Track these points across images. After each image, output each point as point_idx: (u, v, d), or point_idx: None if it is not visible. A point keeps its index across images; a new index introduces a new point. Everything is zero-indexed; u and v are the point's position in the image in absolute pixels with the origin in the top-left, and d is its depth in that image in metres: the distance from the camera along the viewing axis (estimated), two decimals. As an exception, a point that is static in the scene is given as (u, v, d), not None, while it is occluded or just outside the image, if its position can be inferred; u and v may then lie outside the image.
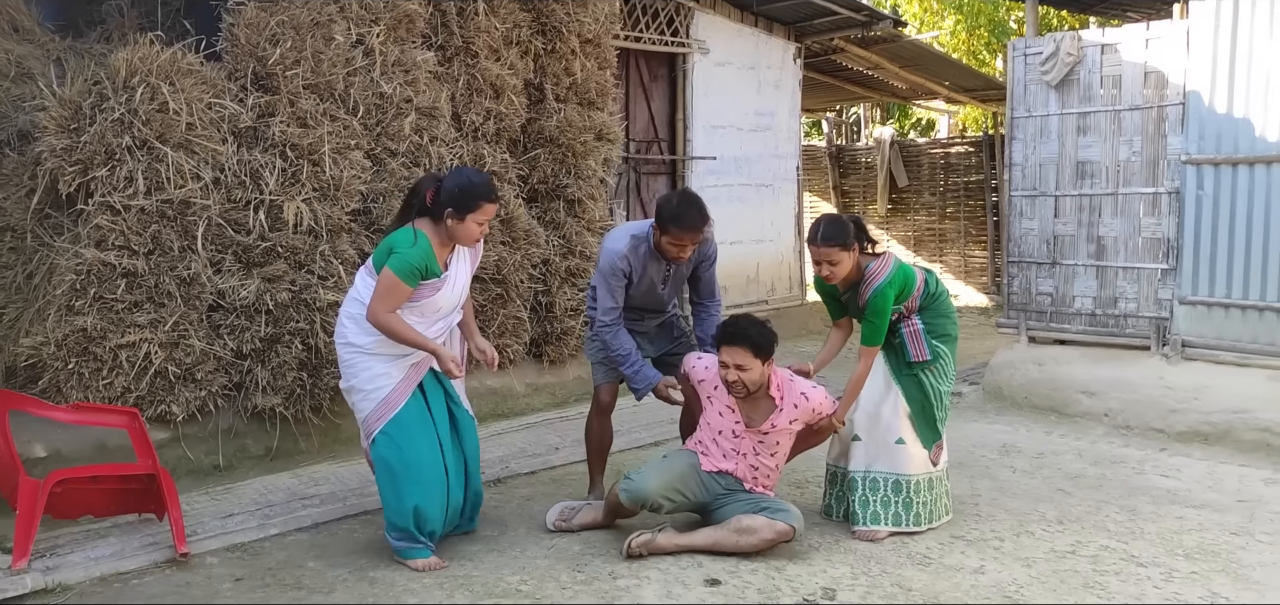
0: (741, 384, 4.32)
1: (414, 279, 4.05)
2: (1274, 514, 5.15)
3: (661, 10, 9.83)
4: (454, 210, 4.09)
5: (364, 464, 5.86)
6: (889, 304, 4.58)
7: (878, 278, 4.58)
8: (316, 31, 5.77)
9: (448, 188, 4.12)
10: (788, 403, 4.48)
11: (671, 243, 4.58)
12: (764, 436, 4.50)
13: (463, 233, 4.14)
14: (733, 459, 4.53)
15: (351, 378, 4.24)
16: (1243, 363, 6.55)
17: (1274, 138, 6.36)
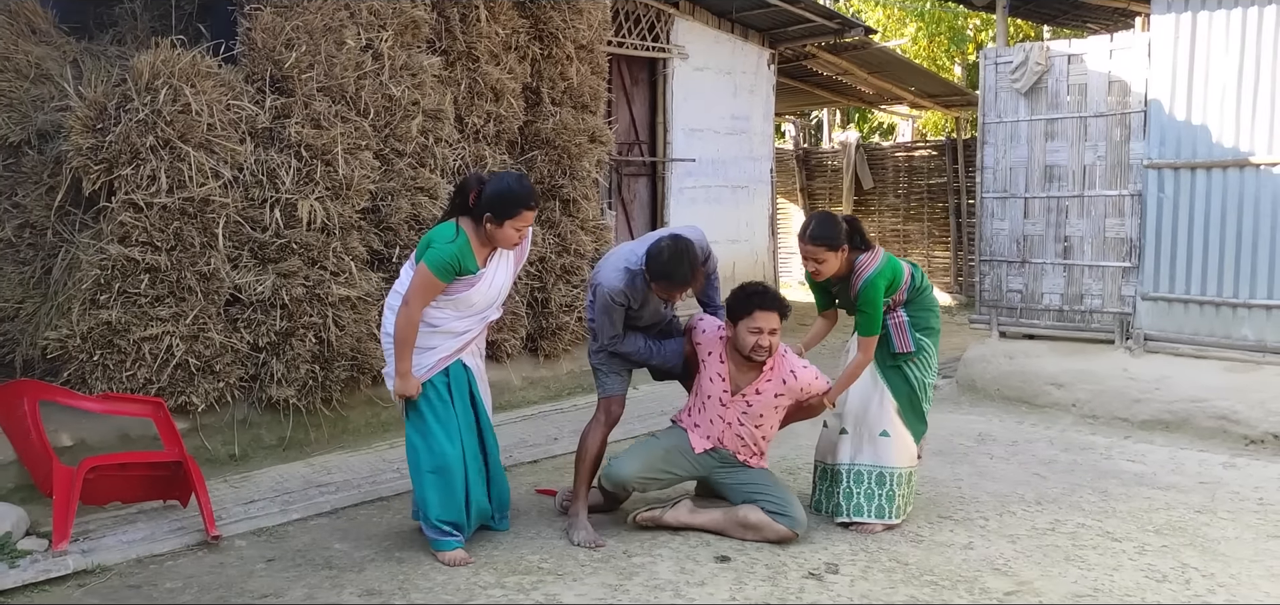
0: (770, 348, 4.51)
1: (447, 274, 4.20)
2: (1234, 494, 5.52)
3: (643, 16, 10.12)
4: (493, 215, 4.21)
5: (371, 453, 6.12)
6: (880, 295, 4.68)
7: (867, 269, 4.68)
8: (329, 36, 5.97)
9: (489, 192, 4.22)
10: (775, 375, 4.65)
11: (661, 291, 4.61)
12: (748, 405, 4.65)
13: (501, 237, 4.27)
14: (718, 427, 4.69)
15: (391, 364, 4.40)
16: (1200, 355, 6.97)
17: (1230, 144, 6.79)
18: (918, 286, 4.92)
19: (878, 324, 4.73)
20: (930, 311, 4.94)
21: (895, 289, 4.81)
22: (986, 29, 19.35)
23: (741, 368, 4.65)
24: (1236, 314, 6.84)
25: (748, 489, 4.71)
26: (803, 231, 4.67)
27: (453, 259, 4.20)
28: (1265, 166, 6.67)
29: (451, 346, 4.40)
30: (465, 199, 4.32)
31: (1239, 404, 6.61)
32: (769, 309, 4.50)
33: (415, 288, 4.21)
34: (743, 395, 4.66)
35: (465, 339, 4.43)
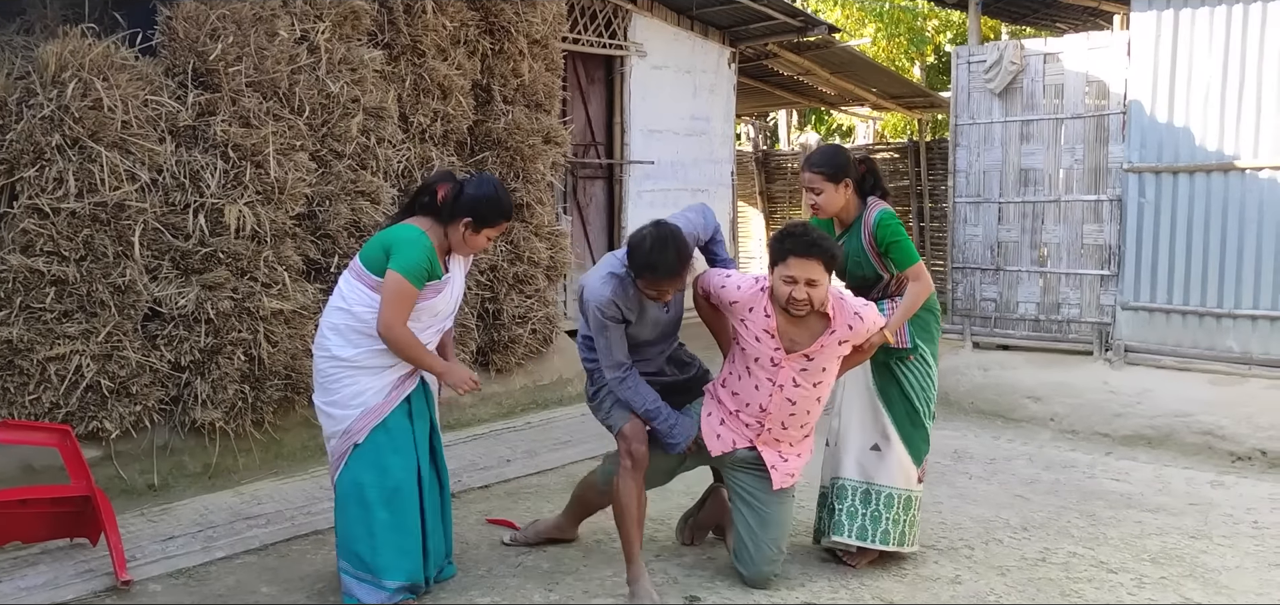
0: (809, 302, 3.80)
1: (423, 281, 3.70)
2: (1226, 517, 5.25)
3: (599, 12, 9.70)
4: (473, 221, 3.77)
5: (308, 479, 5.64)
6: (897, 225, 4.14)
7: (876, 209, 4.20)
8: (259, 27, 5.49)
9: (470, 195, 3.78)
10: (840, 322, 3.92)
11: (648, 288, 3.92)
12: (809, 362, 3.93)
13: (472, 244, 3.84)
14: (766, 391, 3.96)
15: (330, 393, 3.83)
16: (1183, 367, 6.71)
17: (1213, 147, 6.53)
18: None
19: (912, 250, 4.19)
20: (931, 313, 4.36)
21: (907, 256, 4.23)
22: (945, 30, 19.24)
23: (794, 321, 3.89)
24: (1221, 324, 6.58)
25: (742, 520, 4.17)
26: (806, 158, 4.24)
27: (426, 261, 3.69)
28: (1251, 170, 6.42)
29: (406, 365, 3.88)
30: (432, 198, 3.82)
31: (1225, 418, 6.34)
32: (805, 255, 3.76)
33: (392, 303, 3.66)
34: (803, 353, 3.92)
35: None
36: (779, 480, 4.10)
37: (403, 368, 3.85)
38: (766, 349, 3.93)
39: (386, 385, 3.81)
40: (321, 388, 3.88)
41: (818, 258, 3.77)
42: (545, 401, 7.48)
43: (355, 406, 3.78)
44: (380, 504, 3.79)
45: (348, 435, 3.80)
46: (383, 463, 3.79)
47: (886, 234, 4.15)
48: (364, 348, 3.76)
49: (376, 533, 3.78)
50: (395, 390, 3.84)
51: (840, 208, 4.21)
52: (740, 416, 4.06)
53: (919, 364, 4.32)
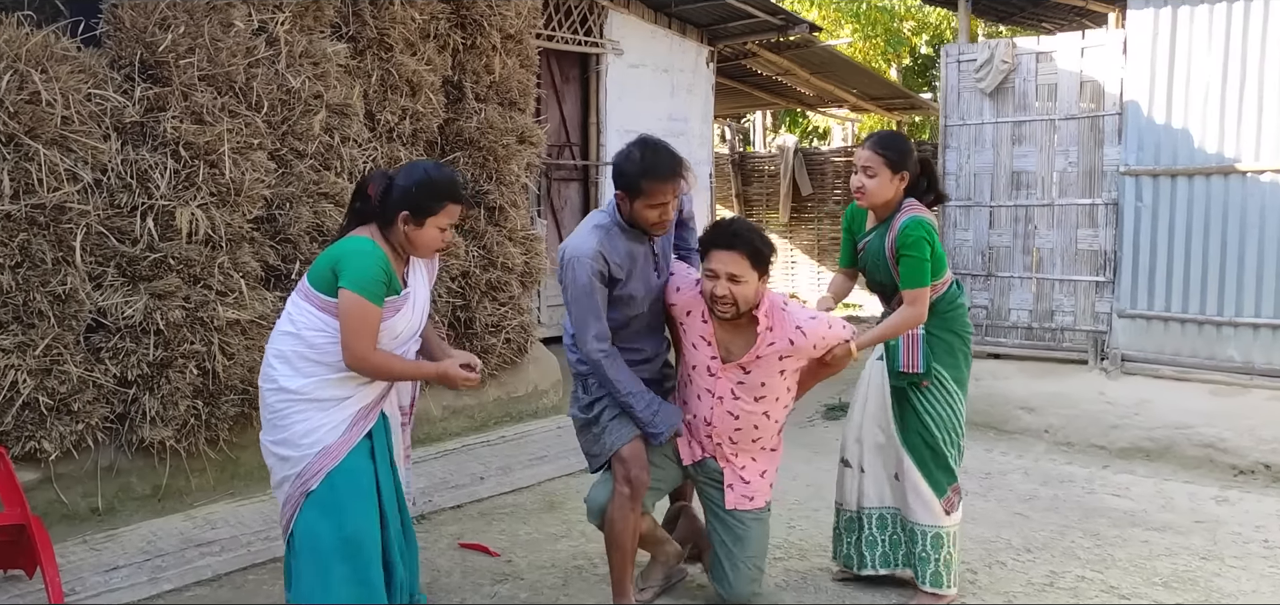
0: (731, 299, 3.48)
1: (381, 295, 3.21)
2: (1236, 535, 5.03)
3: (575, 8, 9.39)
4: (411, 214, 3.28)
5: (266, 501, 5.28)
6: (923, 236, 3.74)
7: (910, 212, 3.83)
8: (213, 16, 5.12)
9: (401, 186, 3.29)
10: (779, 335, 3.61)
11: (649, 205, 3.51)
12: (745, 375, 3.63)
13: (421, 241, 3.33)
14: (706, 405, 3.68)
15: (279, 430, 3.30)
16: (1182, 377, 6.47)
17: (1213, 149, 6.30)
18: (952, 299, 3.96)
19: (924, 273, 3.75)
20: (958, 336, 3.95)
21: (938, 270, 3.86)
22: (922, 32, 19.09)
23: (729, 328, 3.61)
24: (1221, 333, 6.35)
25: (717, 538, 3.87)
26: (870, 136, 3.92)
27: (381, 272, 3.21)
28: (1252, 174, 6.19)
29: (369, 394, 3.37)
30: (365, 201, 3.36)
31: (1226, 431, 6.11)
32: (727, 248, 3.46)
33: (355, 330, 3.17)
34: (738, 364, 3.64)
35: (384, 384, 3.43)
36: (732, 500, 3.79)
37: (363, 399, 3.36)
38: (703, 356, 3.67)
39: (344, 421, 3.32)
40: (270, 425, 3.35)
41: (741, 251, 3.46)
42: (520, 414, 7.15)
43: (309, 446, 3.27)
44: (338, 557, 3.28)
45: (301, 480, 3.29)
46: (341, 509, 3.29)
47: (905, 242, 3.77)
48: (315, 377, 3.28)
49: (334, 588, 3.28)
50: (354, 427, 3.34)
51: (886, 200, 3.87)
52: (692, 427, 3.80)
53: (937, 392, 3.92)
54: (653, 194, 3.49)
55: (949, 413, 3.94)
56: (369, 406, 3.39)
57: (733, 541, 3.81)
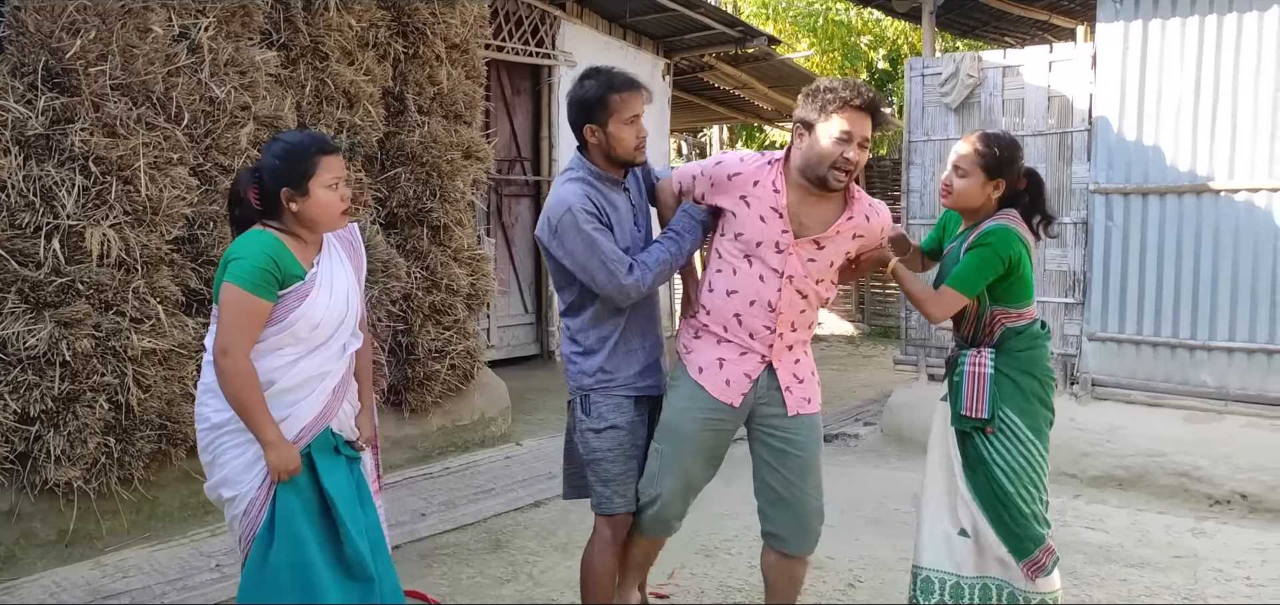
0: (856, 169, 3.17)
1: (268, 287, 2.86)
2: (1216, 571, 4.81)
3: (526, 18, 9.06)
4: (290, 186, 2.94)
5: (185, 544, 4.89)
6: (1001, 244, 3.35)
7: (996, 221, 3.43)
8: (128, 21, 4.72)
9: (269, 166, 2.97)
10: (857, 210, 3.30)
11: (625, 123, 3.26)
12: (818, 251, 3.27)
13: (316, 210, 2.97)
14: (772, 285, 3.26)
15: (218, 470, 2.99)
16: (1155, 402, 6.24)
17: (1186, 167, 6.08)
18: (1032, 336, 3.52)
19: (971, 283, 3.39)
20: (1034, 378, 3.49)
21: (1020, 295, 3.44)
22: (878, 46, 18.97)
23: (807, 200, 3.26)
24: (1194, 357, 6.13)
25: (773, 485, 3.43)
26: (976, 134, 3.53)
27: (265, 260, 2.87)
28: (1226, 192, 5.98)
29: (314, 403, 2.99)
30: (246, 208, 3.00)
31: (1201, 459, 5.89)
32: (861, 109, 3.14)
33: (229, 324, 2.85)
34: (813, 238, 3.26)
35: (329, 386, 3.03)
36: (794, 403, 3.37)
37: (305, 416, 2.98)
38: (773, 230, 3.24)
39: (289, 437, 2.96)
40: (210, 469, 3.03)
41: (870, 114, 3.16)
42: (465, 443, 6.78)
43: (252, 478, 2.96)
44: (287, 586, 2.93)
45: (249, 516, 2.97)
46: (304, 564, 2.92)
47: (981, 239, 3.39)
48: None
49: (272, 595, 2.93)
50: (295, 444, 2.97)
51: (975, 207, 3.48)
52: (744, 326, 3.32)
53: (1006, 440, 3.46)
54: (624, 106, 3.26)
55: (1023, 462, 3.46)
56: (315, 414, 3.00)
57: (796, 474, 3.38)
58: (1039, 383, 3.49)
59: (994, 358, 3.47)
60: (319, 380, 3.00)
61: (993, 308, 3.48)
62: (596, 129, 3.29)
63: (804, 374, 3.41)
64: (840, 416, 8.01)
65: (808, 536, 3.45)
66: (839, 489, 6.02)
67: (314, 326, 2.97)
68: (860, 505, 5.71)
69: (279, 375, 2.94)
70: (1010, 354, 3.47)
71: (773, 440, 3.40)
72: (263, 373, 2.91)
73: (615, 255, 3.21)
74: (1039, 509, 3.49)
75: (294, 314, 2.93)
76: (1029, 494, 3.46)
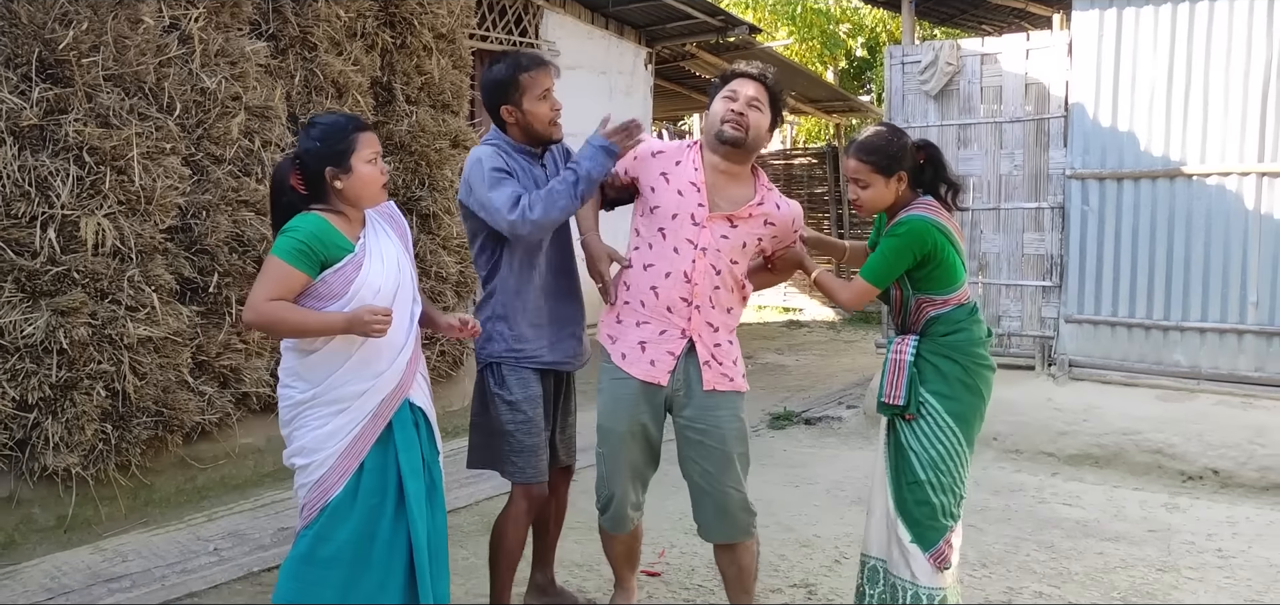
0: (748, 124, 3.30)
1: (304, 259, 2.94)
2: (1189, 545, 4.95)
3: (509, 8, 9.12)
4: (335, 164, 3.01)
5: (183, 529, 4.95)
6: (910, 239, 3.29)
7: (911, 210, 3.37)
8: (120, 12, 4.77)
9: (309, 150, 3.04)
10: (769, 198, 3.46)
11: (540, 98, 3.40)
12: (731, 229, 3.37)
13: (359, 186, 3.05)
14: (687, 256, 3.33)
15: (296, 440, 3.08)
16: (1130, 382, 6.40)
17: (1160, 152, 6.23)
18: (954, 321, 3.39)
19: (880, 275, 3.36)
20: (956, 362, 3.35)
21: (945, 281, 3.35)
22: (857, 34, 19.10)
23: (720, 181, 3.38)
24: (1168, 338, 6.29)
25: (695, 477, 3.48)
26: (852, 143, 3.48)
27: (308, 235, 2.96)
28: (1198, 177, 6.13)
29: (388, 381, 3.05)
30: (291, 196, 3.08)
31: (1174, 436, 6.05)
32: (751, 78, 3.37)
33: (260, 281, 2.95)
34: (726, 215, 3.38)
35: (403, 358, 3.08)
36: (711, 378, 3.41)
37: (385, 386, 3.05)
38: (689, 203, 3.35)
39: (352, 428, 3.04)
40: (289, 438, 3.14)
41: (760, 82, 3.38)
42: (456, 429, 6.83)
43: (329, 448, 3.03)
44: (328, 565, 3.02)
45: (323, 485, 3.04)
46: (332, 557, 3.02)
47: (887, 233, 3.37)
48: (317, 382, 3.04)
49: (309, 592, 3.02)
50: (356, 440, 3.05)
51: (888, 205, 3.43)
52: (661, 300, 3.38)
53: (927, 424, 3.35)
54: (535, 83, 3.41)
55: (940, 450, 3.34)
56: (386, 395, 3.06)
57: (715, 464, 3.42)
58: (962, 367, 3.34)
59: (917, 344, 3.38)
60: (394, 352, 3.08)
61: (917, 296, 3.40)
62: (513, 109, 3.43)
63: (724, 358, 3.45)
64: (824, 400, 8.14)
65: (733, 526, 3.48)
66: (824, 470, 6.15)
67: (376, 292, 3.05)
68: (843, 486, 5.83)
69: (355, 346, 3.02)
70: (933, 339, 3.38)
71: (691, 431, 3.45)
72: (349, 344, 3.00)
73: (516, 191, 3.31)
74: (948, 501, 3.36)
75: (355, 284, 3.01)
76: (941, 484, 3.34)
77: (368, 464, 3.05)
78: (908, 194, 3.42)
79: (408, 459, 3.09)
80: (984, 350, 3.42)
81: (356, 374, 3.02)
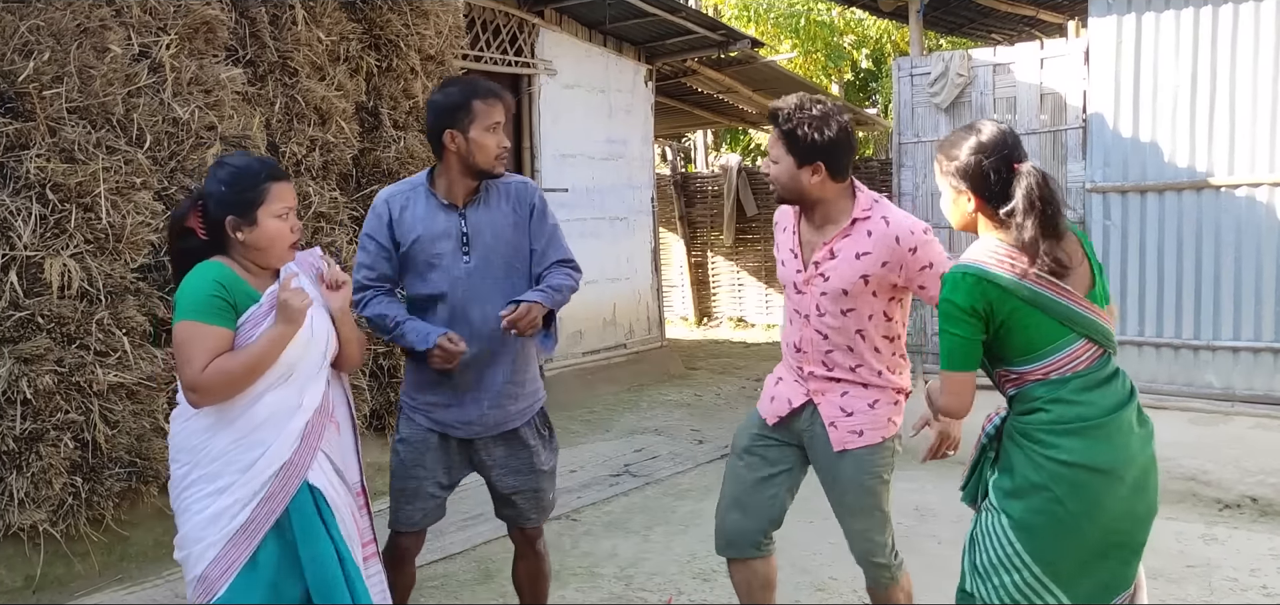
0: (772, 179, 3.14)
1: (221, 313, 2.67)
2: (1231, 581, 4.64)
3: (504, 27, 8.86)
4: (237, 215, 2.74)
5: (160, 584, 4.67)
6: (952, 298, 2.60)
7: (961, 260, 2.69)
8: (85, 40, 4.52)
9: (212, 192, 2.76)
10: (857, 227, 3.07)
11: (487, 129, 3.18)
12: (825, 283, 3.09)
13: (264, 240, 2.76)
14: (796, 327, 3.20)
15: (180, 528, 2.76)
16: (1159, 405, 6.07)
17: (1184, 163, 5.94)
18: (1031, 396, 2.61)
19: (947, 354, 2.66)
20: (1026, 453, 2.59)
21: (1010, 351, 2.61)
22: (861, 46, 18.87)
23: (812, 231, 3.18)
24: (1198, 358, 5.98)
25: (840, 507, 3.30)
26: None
27: (211, 285, 2.68)
28: (1226, 188, 5.84)
29: (286, 444, 2.73)
30: (193, 238, 2.80)
31: (1208, 462, 5.74)
32: (771, 122, 3.16)
33: (186, 360, 2.64)
34: (816, 267, 3.13)
35: (298, 425, 2.77)
36: (838, 439, 3.18)
37: (277, 458, 2.72)
38: (791, 271, 3.26)
39: (241, 511, 2.70)
40: (183, 514, 2.77)
41: (778, 130, 3.09)
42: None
43: (212, 535, 2.69)
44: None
45: (207, 581, 2.69)
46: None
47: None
48: (192, 451, 2.72)
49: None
50: (244, 532, 2.70)
51: (963, 225, 2.76)
52: (790, 361, 3.30)
53: (988, 522, 2.66)
54: (488, 113, 3.20)
55: (991, 557, 2.62)
56: (280, 465, 2.73)
57: (840, 511, 3.28)
58: (1028, 458, 2.58)
59: (997, 424, 2.75)
60: (288, 417, 2.77)
61: (994, 368, 2.70)
62: (457, 134, 3.19)
63: (853, 407, 3.18)
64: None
65: (863, 569, 3.35)
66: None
67: (289, 363, 2.77)
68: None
69: (246, 408, 2.71)
70: (1013, 416, 2.68)
71: (823, 473, 3.31)
72: (230, 409, 2.69)
73: (358, 270, 3.32)
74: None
75: (262, 346, 2.71)
76: (987, 581, 2.63)
77: (262, 557, 2.69)
78: (974, 221, 2.71)
79: (309, 552, 2.73)
80: (1068, 438, 2.54)
81: (247, 444, 2.69)
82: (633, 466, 6.56)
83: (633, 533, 5.31)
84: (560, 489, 5.69)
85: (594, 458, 6.80)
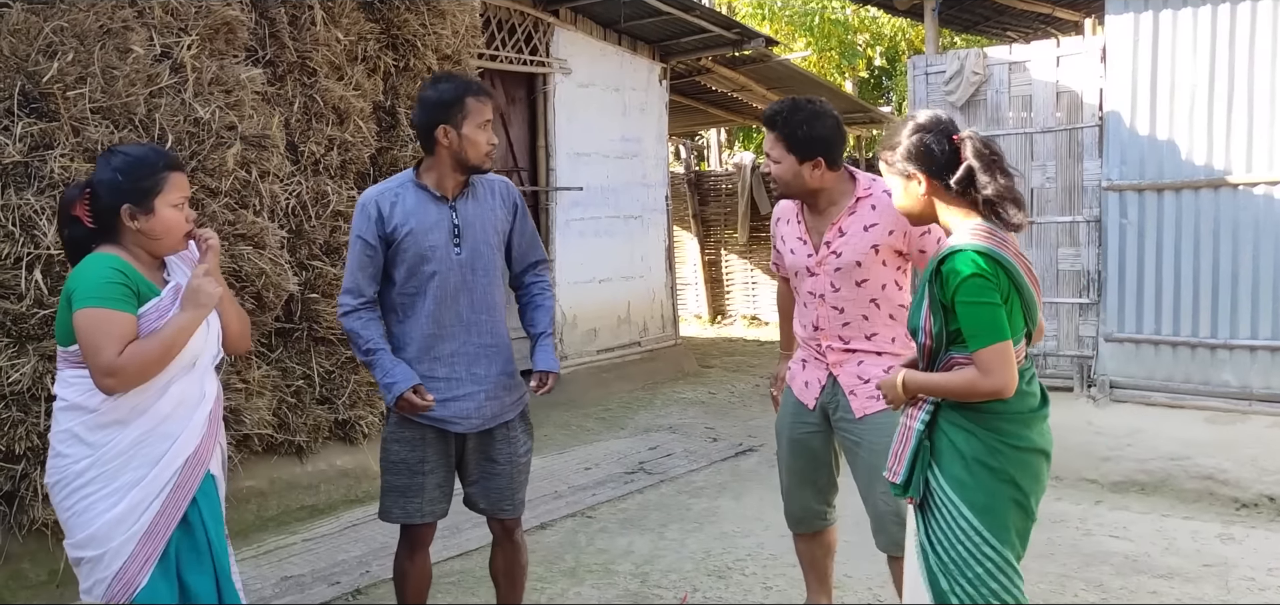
0: (774, 179, 3.41)
1: (125, 299, 2.64)
2: (1249, 581, 4.63)
3: (519, 26, 8.89)
4: (134, 203, 2.70)
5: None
6: (983, 280, 2.50)
7: (951, 243, 2.60)
8: (108, 41, 4.56)
9: (107, 180, 2.72)
10: (862, 202, 3.32)
11: (479, 126, 3.26)
12: (837, 259, 3.31)
13: (160, 230, 2.74)
14: (813, 309, 3.45)
15: (83, 527, 2.69)
16: (1176, 404, 6.09)
17: (1202, 161, 5.93)
18: (1020, 373, 2.62)
19: (992, 329, 2.50)
20: (982, 441, 2.57)
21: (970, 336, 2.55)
22: (876, 45, 18.84)
23: (817, 218, 3.45)
24: (1215, 356, 5.97)
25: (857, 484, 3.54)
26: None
27: (112, 272, 2.66)
28: (1244, 186, 5.83)
29: (193, 434, 2.76)
30: (79, 226, 2.76)
31: (1226, 461, 5.72)
32: (768, 127, 3.37)
33: (92, 345, 2.58)
34: (827, 246, 3.38)
35: (203, 414, 2.82)
36: (859, 406, 3.39)
37: (185, 448, 2.75)
38: (802, 257, 3.48)
39: (149, 506, 2.69)
40: (69, 525, 2.72)
41: (773, 129, 3.33)
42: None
43: (125, 531, 2.67)
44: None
45: (123, 578, 2.67)
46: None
47: (958, 295, 2.56)
48: (93, 446, 2.68)
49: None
50: (170, 498, 2.72)
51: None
52: (809, 343, 3.55)
53: (941, 517, 2.62)
54: (481, 110, 3.29)
55: (958, 553, 2.58)
56: (187, 456, 2.75)
57: (863, 473, 3.44)
58: (984, 444, 2.57)
59: (929, 412, 2.65)
60: (193, 407, 2.79)
61: (950, 352, 2.63)
62: (450, 130, 3.27)
63: (870, 375, 3.37)
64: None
65: (881, 534, 3.46)
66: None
67: (194, 355, 2.80)
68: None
69: (153, 401, 2.70)
70: (956, 408, 2.61)
71: (846, 438, 3.49)
72: (135, 403, 2.68)
73: (350, 283, 3.36)
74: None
75: (164, 336, 2.71)
76: (955, 587, 2.58)
77: (170, 548, 2.71)
78: (931, 209, 2.71)
79: (218, 537, 2.82)
80: (1023, 427, 2.59)
81: (156, 436, 2.70)
82: (647, 464, 6.59)
83: (648, 530, 5.33)
84: (575, 486, 5.74)
85: (609, 455, 6.82)
